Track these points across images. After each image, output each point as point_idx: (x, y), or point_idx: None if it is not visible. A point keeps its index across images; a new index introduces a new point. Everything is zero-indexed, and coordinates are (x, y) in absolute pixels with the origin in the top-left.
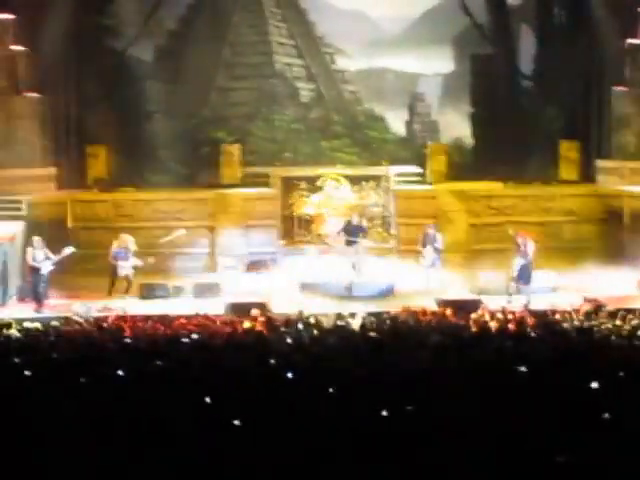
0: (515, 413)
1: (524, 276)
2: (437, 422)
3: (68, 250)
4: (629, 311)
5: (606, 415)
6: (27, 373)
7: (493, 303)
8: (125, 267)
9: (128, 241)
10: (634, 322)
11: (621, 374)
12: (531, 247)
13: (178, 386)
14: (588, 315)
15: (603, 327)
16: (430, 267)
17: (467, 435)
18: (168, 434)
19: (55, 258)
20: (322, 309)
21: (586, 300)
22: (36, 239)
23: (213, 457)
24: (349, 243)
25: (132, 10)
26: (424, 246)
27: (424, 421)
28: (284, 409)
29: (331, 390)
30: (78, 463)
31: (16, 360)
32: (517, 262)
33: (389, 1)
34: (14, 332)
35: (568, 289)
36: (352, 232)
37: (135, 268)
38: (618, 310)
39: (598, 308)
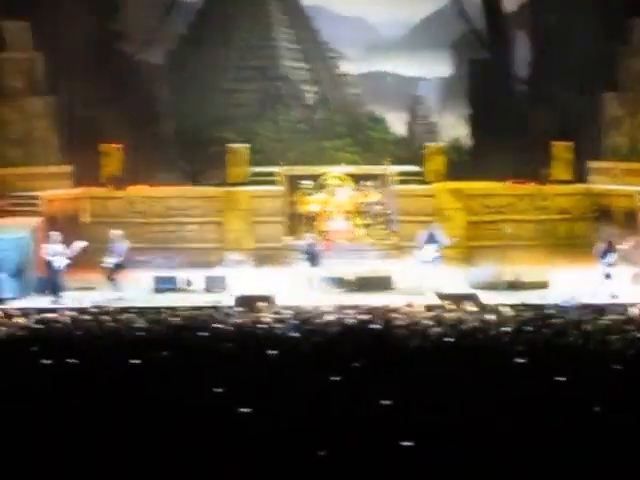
0: (512, 404)
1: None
2: (437, 411)
3: (81, 244)
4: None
5: (597, 408)
6: (45, 362)
7: (488, 297)
8: None
9: None
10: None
11: (617, 367)
12: None
13: (185, 375)
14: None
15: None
16: (430, 263)
17: (467, 425)
18: (178, 420)
19: (69, 252)
20: (325, 302)
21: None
22: (53, 234)
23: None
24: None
25: (143, 15)
26: (427, 243)
27: (424, 410)
28: (288, 397)
29: (334, 379)
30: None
31: (34, 349)
32: (610, 258)
33: (389, 8)
34: (33, 323)
35: (564, 284)
36: (313, 255)
37: None
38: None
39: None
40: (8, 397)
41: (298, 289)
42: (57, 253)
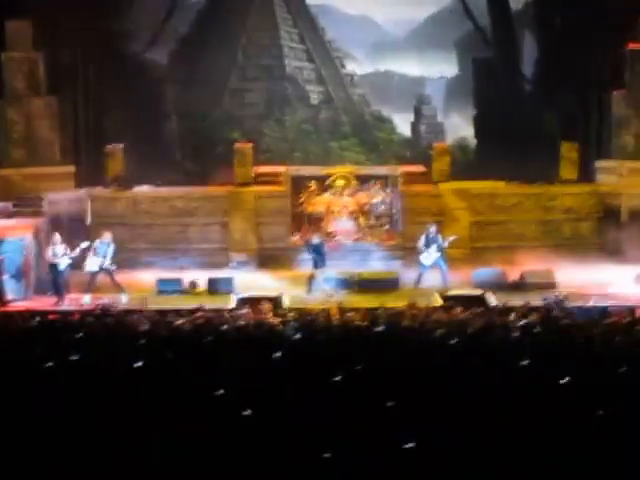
0: (514, 406)
1: None
2: (438, 412)
3: (84, 245)
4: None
5: (600, 412)
6: (48, 364)
7: (494, 298)
8: None
9: None
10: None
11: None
12: None
13: (188, 378)
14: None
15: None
16: (433, 265)
17: (466, 426)
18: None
19: (72, 253)
20: (328, 303)
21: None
22: (56, 235)
23: (220, 448)
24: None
25: (148, 15)
26: (427, 246)
27: (425, 413)
28: (288, 399)
29: (336, 379)
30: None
31: (37, 351)
32: None
33: (394, 6)
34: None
35: (568, 285)
36: (319, 252)
37: None
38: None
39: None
40: (12, 399)
41: (302, 290)
42: (60, 254)
